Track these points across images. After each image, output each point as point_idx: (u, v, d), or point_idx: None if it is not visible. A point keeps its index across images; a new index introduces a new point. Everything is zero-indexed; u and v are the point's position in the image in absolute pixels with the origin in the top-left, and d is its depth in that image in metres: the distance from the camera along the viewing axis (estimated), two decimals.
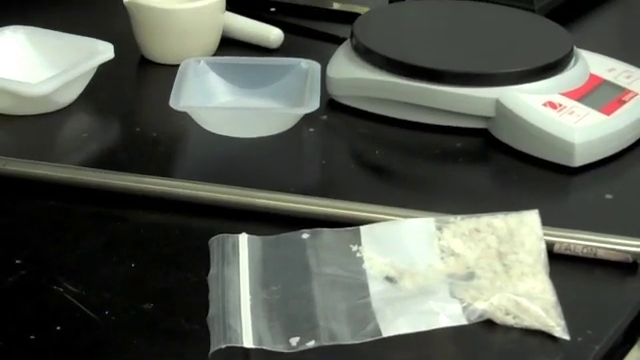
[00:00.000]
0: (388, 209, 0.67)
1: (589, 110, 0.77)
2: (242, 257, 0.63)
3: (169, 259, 0.65)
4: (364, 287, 0.61)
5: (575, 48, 0.82)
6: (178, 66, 0.82)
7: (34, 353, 0.57)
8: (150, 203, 0.70)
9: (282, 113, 0.80)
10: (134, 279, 0.63)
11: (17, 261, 0.64)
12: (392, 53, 0.80)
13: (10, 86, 0.78)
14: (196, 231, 0.67)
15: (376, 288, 0.61)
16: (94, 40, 0.84)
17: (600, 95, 0.79)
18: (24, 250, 0.65)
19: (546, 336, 0.58)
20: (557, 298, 0.60)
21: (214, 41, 0.90)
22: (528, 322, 0.59)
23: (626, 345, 0.61)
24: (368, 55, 0.81)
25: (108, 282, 0.63)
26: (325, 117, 0.81)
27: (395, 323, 0.59)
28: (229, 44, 0.91)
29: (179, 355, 0.57)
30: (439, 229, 0.65)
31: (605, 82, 0.80)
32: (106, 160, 0.76)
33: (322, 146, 0.79)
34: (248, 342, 0.57)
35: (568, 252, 0.65)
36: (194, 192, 0.70)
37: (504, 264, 0.63)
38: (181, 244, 0.66)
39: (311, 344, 0.57)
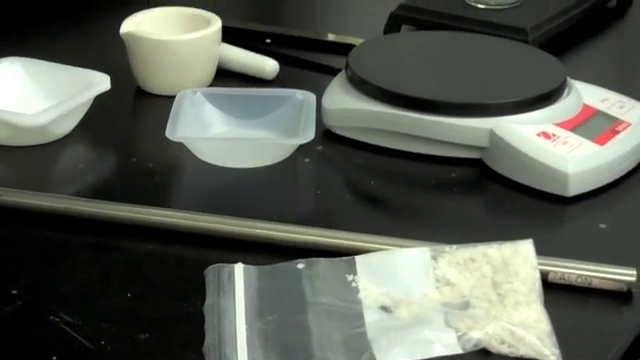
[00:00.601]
0: (383, 239, 0.67)
1: (583, 140, 0.77)
2: (238, 287, 0.63)
3: (165, 289, 0.65)
4: (359, 317, 0.61)
5: (568, 79, 0.83)
6: (174, 97, 0.82)
7: None
8: (146, 233, 0.70)
9: (278, 144, 0.80)
10: (130, 309, 0.63)
11: (14, 291, 0.64)
12: (387, 84, 0.81)
13: (7, 117, 0.78)
14: (192, 261, 0.67)
15: (371, 317, 0.61)
16: (90, 71, 0.84)
17: (594, 125, 0.79)
18: (20, 280, 0.65)
19: None
20: (552, 327, 0.60)
21: (210, 72, 0.91)
22: (523, 351, 0.59)
23: None
24: (363, 86, 0.82)
25: (104, 312, 0.63)
26: (320, 147, 0.81)
27: (391, 353, 0.59)
28: (225, 75, 0.92)
29: None
30: (434, 259, 0.65)
31: (598, 112, 0.80)
32: (102, 190, 0.76)
33: (317, 176, 0.80)
34: None
35: (562, 281, 0.65)
36: (190, 222, 0.70)
37: (499, 293, 0.63)
38: (177, 274, 0.66)
39: None
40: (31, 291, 0.64)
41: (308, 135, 0.77)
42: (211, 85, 0.90)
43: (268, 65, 0.92)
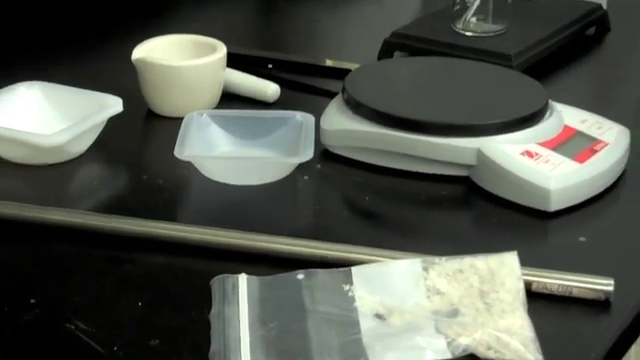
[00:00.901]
0: (378, 251, 0.67)
1: (563, 159, 0.77)
2: (241, 296, 0.63)
3: (174, 298, 0.65)
4: (355, 324, 0.61)
5: (550, 101, 0.83)
6: (182, 119, 0.82)
7: None
8: (156, 246, 0.70)
9: (279, 162, 0.80)
10: (141, 317, 0.63)
11: (32, 300, 0.64)
12: (381, 106, 0.81)
13: (26, 138, 0.79)
14: (199, 272, 0.67)
15: (367, 325, 0.61)
16: (104, 95, 0.84)
17: (573, 145, 0.79)
18: (38, 290, 0.65)
19: None
20: (535, 334, 0.60)
21: (216, 95, 0.91)
22: (508, 356, 0.59)
23: None
24: (358, 108, 0.82)
25: (117, 320, 0.63)
26: (319, 166, 0.81)
27: (385, 358, 0.59)
28: (229, 98, 0.92)
29: None
30: (425, 270, 0.65)
31: (578, 132, 0.81)
32: (115, 206, 0.76)
33: (316, 193, 0.80)
34: None
35: (545, 291, 0.65)
36: (197, 236, 0.70)
37: (485, 302, 0.63)
38: (185, 284, 0.66)
39: None
40: (48, 300, 0.64)
41: (307, 154, 0.77)
42: (217, 107, 0.90)
43: (270, 89, 0.92)
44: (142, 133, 0.88)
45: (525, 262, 0.65)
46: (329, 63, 0.98)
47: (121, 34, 1.01)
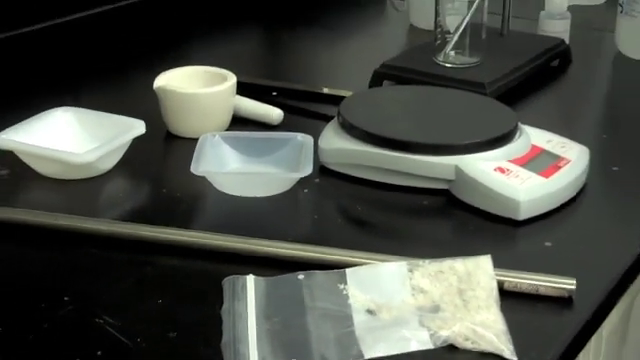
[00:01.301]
0: (369, 254, 0.68)
1: (531, 174, 0.77)
2: (249, 294, 0.64)
3: (189, 296, 0.65)
4: (349, 318, 0.62)
5: (519, 124, 0.83)
6: (197, 139, 0.82)
7: None
8: (174, 250, 0.70)
9: (282, 177, 0.80)
10: (161, 313, 0.63)
11: (66, 298, 0.64)
12: (371, 128, 0.81)
13: (61, 156, 0.79)
14: (211, 273, 0.67)
15: (359, 319, 0.61)
16: (129, 118, 0.84)
17: (540, 162, 0.79)
18: (71, 289, 0.65)
19: (498, 358, 0.58)
20: (506, 327, 0.60)
21: (227, 119, 0.91)
22: (483, 346, 0.59)
23: None
24: (352, 130, 0.82)
25: (140, 315, 0.63)
26: (317, 180, 0.81)
27: (374, 348, 0.59)
28: (239, 121, 0.92)
29: None
30: (410, 271, 0.65)
31: (544, 151, 0.81)
32: (138, 215, 0.76)
33: (314, 204, 0.79)
34: None
35: (515, 289, 0.65)
36: (210, 241, 0.70)
37: (463, 299, 0.63)
38: (199, 284, 0.67)
39: None
40: (79, 298, 0.64)
41: (307, 170, 0.77)
42: (228, 129, 0.90)
43: (274, 113, 0.92)
44: (162, 152, 0.88)
45: (498, 264, 0.65)
46: (326, 91, 0.99)
47: (143, 65, 1.01)
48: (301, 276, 0.65)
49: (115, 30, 1.21)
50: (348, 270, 0.65)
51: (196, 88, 0.90)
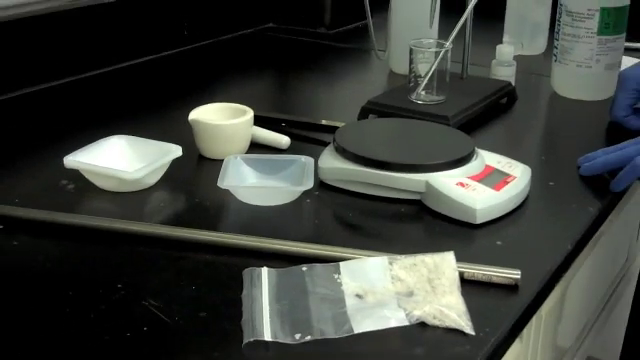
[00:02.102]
0: (358, 251, 0.67)
1: (486, 188, 0.77)
2: (263, 282, 0.64)
3: (217, 284, 0.65)
4: (342, 301, 0.62)
5: (476, 148, 0.83)
6: (223, 160, 0.82)
7: (130, 344, 0.58)
8: (204, 248, 0.70)
9: (289, 190, 0.80)
10: (194, 297, 0.63)
11: (119, 285, 0.64)
12: (359, 151, 0.81)
13: (116, 173, 0.79)
14: (234, 266, 0.67)
15: (350, 302, 0.62)
16: (169, 144, 0.84)
17: (492, 178, 0.79)
18: (123, 278, 0.65)
19: (460, 332, 0.59)
20: (466, 308, 0.60)
21: (246, 144, 0.91)
22: (448, 323, 0.59)
23: (510, 339, 0.61)
24: (344, 153, 0.82)
25: (177, 299, 0.63)
26: (317, 193, 0.81)
27: (362, 324, 0.59)
28: (255, 146, 0.92)
29: (223, 346, 0.57)
30: (390, 263, 0.65)
31: (495, 170, 0.81)
32: (176, 220, 0.76)
33: (315, 211, 0.79)
34: (267, 337, 0.57)
35: (473, 278, 0.65)
36: (232, 240, 0.70)
37: (432, 286, 0.63)
38: (224, 274, 0.66)
39: (308, 338, 0.58)
40: (130, 285, 0.64)
41: (309, 184, 0.77)
42: (247, 153, 0.90)
43: (283, 140, 0.92)
44: (195, 170, 0.88)
45: (459, 258, 0.65)
46: (324, 122, 0.98)
47: (180, 102, 1.01)
48: (304, 268, 0.65)
49: (158, 75, 1.22)
50: (341, 263, 0.66)
51: (222, 120, 0.90)
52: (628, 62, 1.09)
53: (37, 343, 0.58)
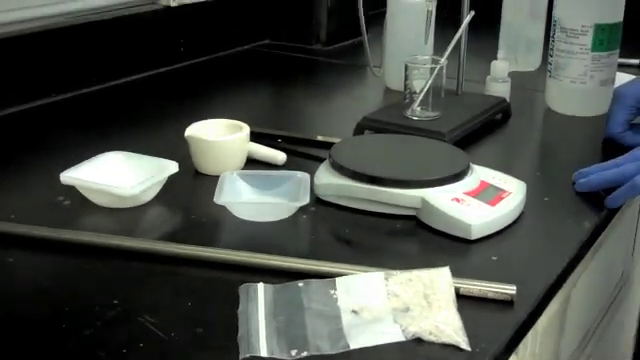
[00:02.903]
0: (354, 266, 0.68)
1: (481, 203, 0.77)
2: (260, 298, 0.64)
3: (213, 299, 0.65)
4: (338, 317, 0.62)
5: (471, 164, 0.83)
6: (219, 176, 0.82)
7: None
8: (201, 264, 0.70)
9: (286, 205, 0.80)
10: (190, 313, 0.63)
11: (115, 301, 0.64)
12: (356, 167, 0.81)
13: (112, 189, 0.79)
14: (230, 281, 0.67)
15: (346, 318, 0.62)
16: (165, 160, 0.84)
17: (487, 194, 0.79)
18: (119, 294, 0.65)
19: (456, 348, 0.59)
20: (462, 323, 0.61)
21: (242, 160, 0.91)
22: (444, 339, 0.59)
23: (506, 354, 0.61)
24: (340, 169, 0.82)
25: (173, 315, 0.63)
26: (313, 208, 0.81)
27: (358, 340, 0.59)
28: (252, 162, 0.92)
29: None
30: (386, 279, 0.65)
31: (490, 185, 0.81)
32: (172, 236, 0.76)
33: (311, 227, 0.79)
34: (264, 353, 0.57)
35: (469, 294, 0.65)
36: (229, 256, 0.70)
37: (428, 301, 0.63)
38: (220, 290, 0.66)
39: (304, 354, 0.58)
40: (126, 301, 0.64)
41: (305, 200, 0.78)
42: (243, 169, 0.90)
43: (279, 156, 0.92)
44: (191, 187, 0.88)
45: (455, 274, 0.65)
46: (320, 138, 0.99)
47: (176, 119, 1.01)
48: (300, 284, 0.65)
49: (155, 91, 1.22)
50: (337, 279, 0.66)
51: (218, 136, 0.90)
52: (622, 78, 1.10)
53: (33, 359, 0.58)
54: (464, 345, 0.58)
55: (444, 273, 0.65)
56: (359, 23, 1.11)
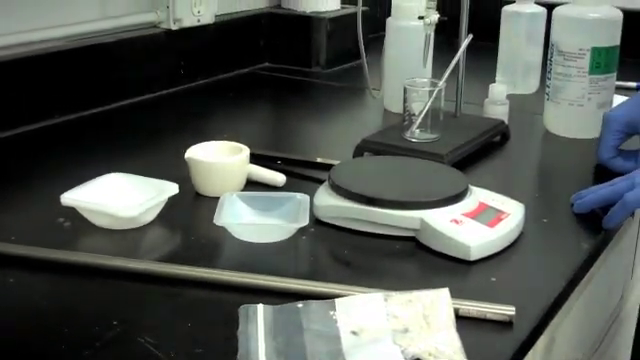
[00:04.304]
0: (353, 287, 0.68)
1: (479, 225, 0.78)
2: (259, 319, 0.64)
3: (212, 320, 0.65)
4: (338, 338, 0.62)
5: (470, 185, 0.84)
6: (219, 198, 0.83)
7: None
8: (200, 285, 0.70)
9: (285, 227, 0.80)
10: (190, 333, 0.63)
11: (114, 322, 0.64)
12: (355, 189, 0.81)
13: (112, 210, 0.79)
14: (229, 302, 0.66)
15: (345, 338, 0.62)
16: (165, 181, 0.85)
17: (486, 215, 0.80)
18: (118, 315, 0.65)
19: None
20: (461, 344, 0.60)
21: (242, 182, 0.91)
22: None
23: None
24: (339, 190, 0.82)
25: (173, 336, 0.63)
26: (312, 230, 0.81)
27: None
28: (251, 184, 0.92)
29: None
30: (385, 300, 0.65)
31: (489, 207, 0.81)
32: (171, 257, 0.76)
33: (311, 248, 0.80)
34: None
35: (468, 314, 0.65)
36: (228, 277, 0.70)
37: (427, 322, 0.63)
38: (220, 311, 0.66)
39: None
40: (125, 322, 0.64)
41: (304, 221, 0.78)
42: (242, 190, 0.90)
43: (279, 177, 0.93)
44: (191, 208, 0.88)
45: (454, 295, 0.65)
46: (319, 160, 0.99)
47: (177, 141, 1.02)
48: (300, 305, 0.65)
49: (155, 113, 1.23)
50: (337, 300, 0.66)
51: (218, 158, 0.91)
52: (619, 101, 1.10)
53: None
54: None
55: (443, 294, 0.65)
56: (358, 46, 1.12)
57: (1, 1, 1.07)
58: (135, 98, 1.25)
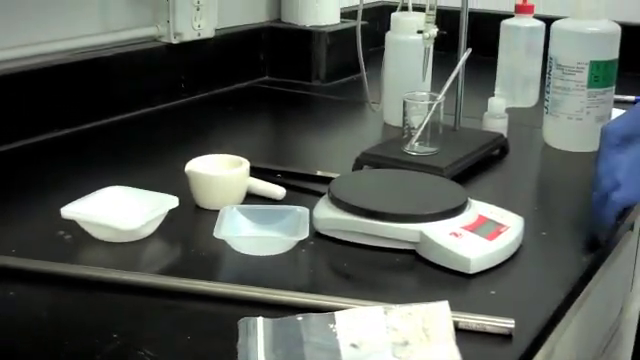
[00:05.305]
0: (353, 300, 0.68)
1: (479, 238, 0.78)
2: (259, 332, 0.64)
3: (212, 333, 0.65)
4: (337, 351, 0.62)
5: (469, 198, 0.84)
6: (219, 211, 0.83)
7: None
8: (200, 297, 0.70)
9: (285, 240, 0.80)
10: (190, 347, 0.63)
11: (114, 335, 0.64)
12: (355, 202, 0.82)
13: (112, 223, 0.79)
14: (229, 315, 0.67)
15: (345, 351, 0.62)
16: (165, 194, 0.85)
17: (485, 228, 0.80)
18: (118, 327, 0.65)
19: None
20: (461, 357, 0.60)
21: (241, 195, 0.91)
22: None
23: None
24: (339, 203, 0.82)
25: (173, 349, 0.63)
26: (312, 243, 0.81)
27: None
28: (251, 197, 0.92)
29: None
30: (385, 313, 0.65)
31: (488, 220, 0.81)
32: (172, 270, 0.76)
33: (310, 261, 0.80)
34: None
35: (467, 327, 0.65)
36: (228, 290, 0.70)
37: (427, 335, 0.63)
38: (220, 324, 0.66)
39: None
40: (125, 335, 0.65)
41: (304, 234, 0.78)
42: (242, 203, 0.90)
43: (279, 191, 0.93)
44: (191, 221, 0.88)
45: (453, 308, 0.65)
46: (319, 173, 0.99)
47: (177, 154, 1.02)
48: (300, 318, 0.65)
49: (155, 126, 1.23)
50: (337, 313, 0.66)
51: (218, 171, 0.91)
52: (618, 114, 1.11)
53: None
54: None
55: (443, 307, 0.65)
56: (358, 60, 1.13)
57: (2, 15, 1.08)
58: (135, 111, 1.26)
